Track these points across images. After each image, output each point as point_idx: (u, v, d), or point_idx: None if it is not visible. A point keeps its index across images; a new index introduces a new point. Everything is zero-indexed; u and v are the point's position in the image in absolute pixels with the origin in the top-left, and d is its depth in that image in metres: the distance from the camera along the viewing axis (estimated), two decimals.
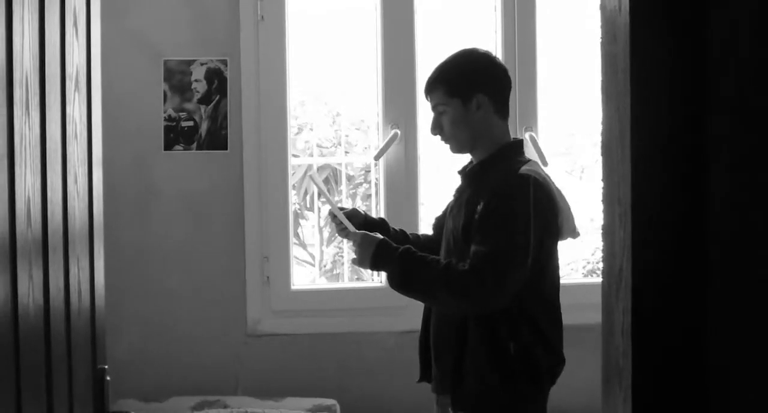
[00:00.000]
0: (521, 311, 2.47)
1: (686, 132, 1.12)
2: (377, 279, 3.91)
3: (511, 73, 2.66)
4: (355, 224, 2.68)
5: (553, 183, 2.55)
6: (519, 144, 2.62)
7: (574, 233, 2.60)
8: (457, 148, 2.62)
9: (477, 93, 2.54)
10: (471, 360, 2.49)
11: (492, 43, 3.81)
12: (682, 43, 1.12)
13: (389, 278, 2.52)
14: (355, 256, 2.59)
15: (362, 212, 2.81)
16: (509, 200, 2.43)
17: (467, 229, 2.47)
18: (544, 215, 2.44)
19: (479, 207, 2.44)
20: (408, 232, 2.86)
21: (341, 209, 2.77)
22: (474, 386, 2.49)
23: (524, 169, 2.48)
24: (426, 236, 2.84)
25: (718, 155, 1.12)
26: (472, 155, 2.63)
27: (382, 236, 2.56)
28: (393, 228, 2.82)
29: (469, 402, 2.52)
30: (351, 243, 2.67)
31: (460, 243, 2.50)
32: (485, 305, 2.44)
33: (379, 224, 2.79)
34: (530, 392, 2.51)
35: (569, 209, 2.57)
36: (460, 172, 2.66)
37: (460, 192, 2.63)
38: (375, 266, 2.53)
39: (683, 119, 1.12)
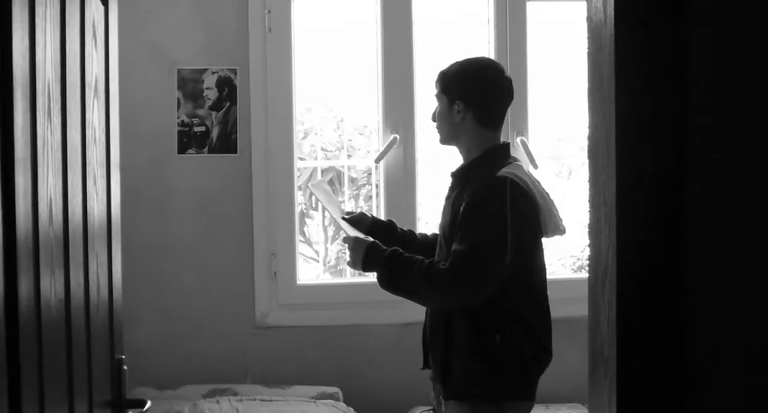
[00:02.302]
0: (507, 304, 2.45)
1: (668, 137, 1.12)
2: None
3: None
4: (362, 228, 2.68)
5: (533, 184, 2.53)
6: (504, 147, 2.60)
7: (559, 231, 2.59)
8: (442, 139, 2.65)
9: (457, 100, 2.54)
10: (458, 352, 2.48)
11: (485, 54, 3.81)
12: (664, 53, 1.12)
13: (379, 279, 2.52)
14: (349, 259, 2.60)
15: (369, 216, 2.80)
16: (486, 201, 2.43)
17: (451, 228, 2.48)
18: (522, 213, 2.43)
19: (461, 208, 2.45)
20: (417, 232, 2.86)
21: (349, 213, 2.77)
22: (462, 376, 2.48)
23: (503, 171, 2.47)
24: (434, 235, 2.83)
25: (697, 160, 1.12)
26: (460, 154, 2.63)
27: (372, 240, 2.55)
28: (401, 228, 2.81)
29: (457, 391, 2.50)
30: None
31: (448, 241, 2.50)
32: (466, 301, 2.44)
33: (388, 226, 2.79)
34: (517, 382, 2.49)
35: (551, 208, 2.56)
36: (451, 174, 2.66)
37: (449, 193, 2.63)
38: (366, 267, 2.53)
39: (665, 125, 1.12)
